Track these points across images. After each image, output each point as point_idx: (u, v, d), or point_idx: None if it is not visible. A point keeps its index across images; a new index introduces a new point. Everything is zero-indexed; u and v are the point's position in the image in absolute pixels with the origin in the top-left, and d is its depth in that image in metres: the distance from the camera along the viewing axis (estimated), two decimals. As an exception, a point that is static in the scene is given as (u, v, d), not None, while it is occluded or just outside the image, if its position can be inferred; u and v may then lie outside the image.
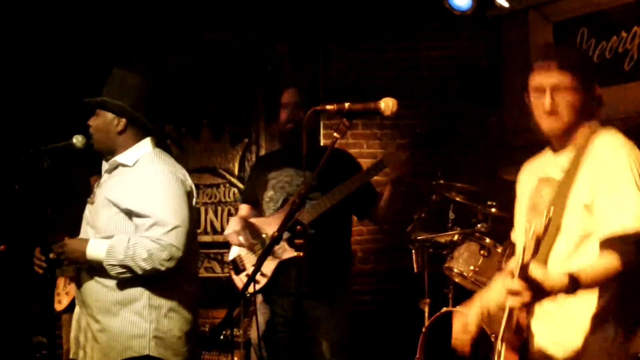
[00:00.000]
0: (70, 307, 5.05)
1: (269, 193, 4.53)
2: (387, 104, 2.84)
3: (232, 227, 4.51)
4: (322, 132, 7.09)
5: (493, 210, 5.35)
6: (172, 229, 3.40)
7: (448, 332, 4.99)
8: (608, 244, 2.60)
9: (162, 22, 7.20)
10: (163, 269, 3.39)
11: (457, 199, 5.53)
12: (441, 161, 6.96)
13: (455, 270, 5.21)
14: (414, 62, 7.39)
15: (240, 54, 7.36)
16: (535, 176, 2.92)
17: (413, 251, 5.60)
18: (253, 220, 4.50)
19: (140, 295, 3.49)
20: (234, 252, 4.59)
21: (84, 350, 3.57)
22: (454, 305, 5.32)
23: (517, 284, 2.39)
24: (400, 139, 7.29)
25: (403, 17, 7.31)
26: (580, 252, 2.69)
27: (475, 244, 5.19)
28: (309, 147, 4.39)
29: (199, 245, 3.82)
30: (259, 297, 4.49)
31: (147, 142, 3.66)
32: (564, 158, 2.79)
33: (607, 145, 2.71)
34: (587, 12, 6.54)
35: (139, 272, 3.39)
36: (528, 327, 2.73)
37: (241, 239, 4.42)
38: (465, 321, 2.95)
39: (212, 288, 6.53)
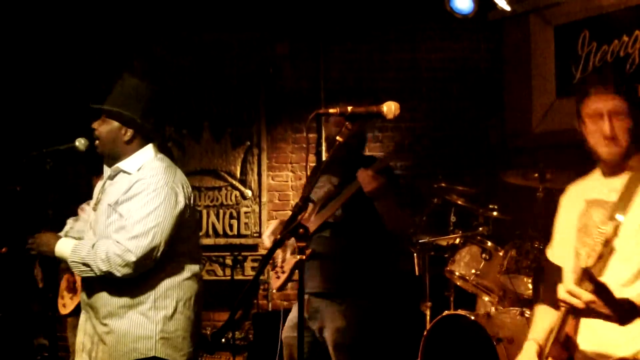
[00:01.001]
0: (75, 312, 5.06)
1: (312, 197, 4.60)
2: (390, 108, 2.82)
3: (269, 229, 4.66)
4: (323, 134, 7.11)
5: (494, 213, 5.35)
6: (134, 237, 3.40)
7: (449, 335, 5.01)
8: None
9: (162, 23, 7.21)
10: (119, 274, 3.40)
11: (459, 201, 5.53)
12: (442, 164, 6.96)
13: (457, 273, 5.20)
14: (415, 64, 7.39)
15: (241, 55, 7.36)
16: (582, 199, 2.91)
17: (414, 254, 5.60)
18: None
19: (146, 297, 3.51)
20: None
21: (90, 354, 3.59)
22: (455, 309, 5.32)
23: (575, 288, 2.42)
24: (401, 141, 7.29)
25: (404, 19, 7.31)
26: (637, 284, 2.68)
27: (477, 247, 5.18)
28: (352, 155, 4.47)
29: (200, 248, 3.82)
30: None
31: (149, 149, 3.66)
32: (618, 181, 2.80)
33: None
34: (589, 16, 6.55)
35: (97, 272, 3.41)
36: (575, 343, 2.71)
37: (267, 241, 4.60)
38: None
39: (214, 291, 6.54)
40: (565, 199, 3.06)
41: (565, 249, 2.94)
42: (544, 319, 2.94)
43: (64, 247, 3.50)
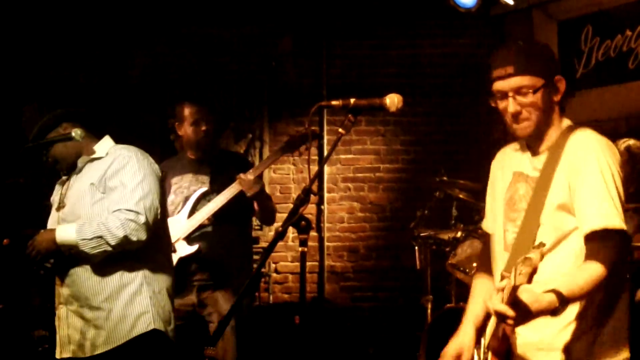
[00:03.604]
0: None
1: (171, 197, 4.83)
2: (393, 100, 2.83)
3: None
4: (326, 127, 7.11)
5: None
6: (138, 200, 3.53)
7: (451, 329, 5.01)
8: (591, 244, 2.61)
9: (164, 18, 7.20)
10: (134, 239, 3.50)
11: (460, 196, 5.53)
12: (444, 158, 6.96)
13: (458, 267, 5.20)
14: (417, 59, 7.39)
15: (243, 51, 7.36)
16: (509, 169, 2.91)
17: (416, 248, 5.60)
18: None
19: (135, 276, 3.60)
20: None
21: (78, 344, 3.61)
22: (457, 302, 5.32)
23: (504, 308, 2.40)
24: (403, 136, 7.30)
25: (406, 15, 7.31)
26: (558, 251, 2.69)
27: (478, 241, 5.17)
28: (218, 152, 4.98)
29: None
30: None
31: (108, 138, 3.80)
32: (539, 158, 2.79)
33: (582, 145, 2.71)
34: (592, 11, 6.54)
35: (112, 241, 3.48)
36: (513, 334, 2.72)
37: None
38: (460, 346, 2.90)
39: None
40: (495, 165, 3.04)
41: (495, 219, 2.94)
42: (482, 290, 2.97)
43: (65, 232, 3.53)
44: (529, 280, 2.34)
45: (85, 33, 7.11)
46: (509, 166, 2.92)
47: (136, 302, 3.59)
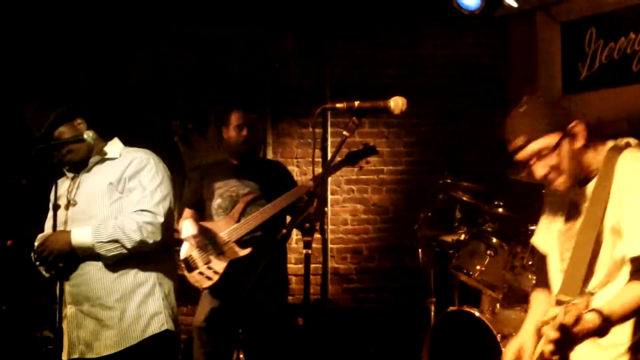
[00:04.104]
0: None
1: (218, 201, 4.93)
2: (397, 103, 2.82)
3: (190, 231, 4.86)
4: (329, 130, 7.11)
5: (500, 210, 5.34)
6: (157, 203, 3.60)
7: (454, 332, 5.01)
8: (636, 264, 2.58)
9: (165, 18, 7.19)
10: (150, 241, 3.55)
11: (464, 198, 5.52)
12: (446, 160, 6.96)
13: (462, 269, 5.20)
14: (419, 60, 7.39)
15: (245, 51, 7.35)
16: (566, 197, 2.86)
17: (420, 250, 5.59)
18: (206, 223, 4.91)
19: (148, 276, 3.65)
20: (185, 252, 4.96)
21: (87, 345, 3.60)
22: (460, 305, 5.32)
23: (554, 335, 2.39)
24: (406, 137, 7.29)
25: (409, 15, 7.31)
26: (613, 283, 2.66)
27: (482, 243, 5.18)
28: (254, 159, 5.06)
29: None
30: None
31: (117, 140, 3.87)
32: (589, 186, 2.75)
33: (630, 167, 2.67)
34: (596, 13, 6.54)
35: (128, 245, 3.52)
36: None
37: (196, 241, 4.86)
38: (520, 345, 2.82)
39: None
40: (548, 190, 2.98)
41: (550, 244, 2.91)
42: (539, 305, 2.94)
43: (81, 235, 3.55)
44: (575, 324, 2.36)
45: (86, 33, 7.10)
46: (565, 194, 2.85)
47: (150, 302, 3.63)
